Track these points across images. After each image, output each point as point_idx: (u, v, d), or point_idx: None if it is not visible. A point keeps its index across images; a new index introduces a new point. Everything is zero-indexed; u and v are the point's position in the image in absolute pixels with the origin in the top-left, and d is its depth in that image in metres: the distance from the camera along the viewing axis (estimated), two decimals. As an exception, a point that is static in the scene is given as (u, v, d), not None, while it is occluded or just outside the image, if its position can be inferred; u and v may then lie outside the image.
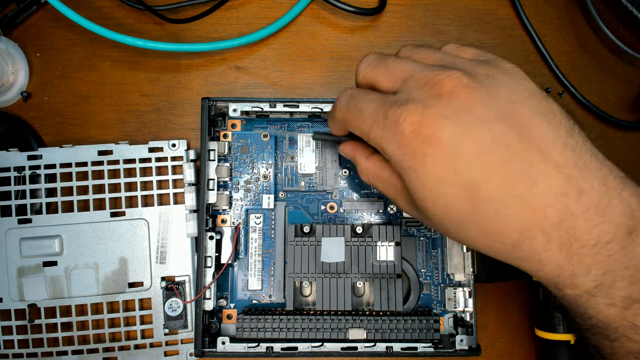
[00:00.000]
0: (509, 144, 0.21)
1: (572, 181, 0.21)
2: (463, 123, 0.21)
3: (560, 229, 0.20)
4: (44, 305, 0.36)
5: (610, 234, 0.20)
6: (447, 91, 0.22)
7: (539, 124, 0.22)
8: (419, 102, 0.22)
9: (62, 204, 0.37)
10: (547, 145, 0.21)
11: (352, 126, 0.26)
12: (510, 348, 0.39)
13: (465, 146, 0.21)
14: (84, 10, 0.39)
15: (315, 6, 0.41)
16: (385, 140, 0.23)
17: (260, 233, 0.37)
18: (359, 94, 0.25)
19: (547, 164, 0.21)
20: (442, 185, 0.21)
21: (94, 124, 0.39)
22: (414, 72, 0.24)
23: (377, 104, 0.24)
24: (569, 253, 0.21)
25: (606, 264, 0.21)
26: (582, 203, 0.20)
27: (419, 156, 0.22)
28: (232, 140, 0.37)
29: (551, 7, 0.42)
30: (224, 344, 0.34)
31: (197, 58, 0.40)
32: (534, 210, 0.21)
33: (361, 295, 0.36)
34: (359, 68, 0.26)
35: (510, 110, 0.22)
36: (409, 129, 0.22)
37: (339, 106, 0.27)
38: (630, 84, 0.42)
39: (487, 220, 0.21)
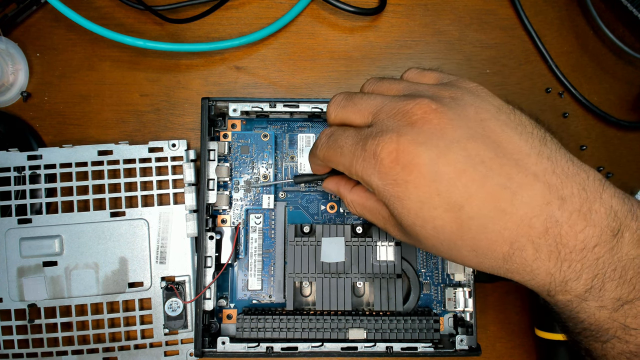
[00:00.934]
0: (484, 160, 0.21)
1: (552, 189, 0.21)
2: (438, 146, 0.22)
3: (548, 237, 0.21)
4: (44, 305, 0.36)
5: (596, 238, 0.21)
6: (418, 118, 0.22)
7: (512, 137, 0.22)
8: (393, 131, 0.22)
9: (62, 204, 0.37)
10: (522, 156, 0.22)
11: (334, 162, 0.26)
12: (510, 348, 0.39)
13: (443, 168, 0.21)
14: (84, 10, 0.39)
15: (315, 6, 0.41)
16: (367, 173, 0.23)
17: (260, 233, 0.37)
18: (336, 131, 0.26)
19: (526, 175, 0.21)
20: (427, 209, 0.22)
21: (94, 124, 0.39)
22: (382, 104, 0.24)
23: (354, 138, 0.25)
24: (559, 260, 0.21)
25: (595, 268, 0.21)
26: (565, 210, 0.21)
27: (401, 183, 0.22)
28: (232, 140, 0.37)
29: (551, 7, 0.42)
30: (224, 344, 0.34)
31: (197, 58, 0.40)
32: (520, 222, 0.21)
33: (361, 295, 0.36)
34: (329, 110, 0.27)
35: (481, 128, 0.22)
36: (388, 159, 0.22)
37: (319, 145, 0.27)
38: (630, 84, 0.42)
39: (475, 237, 0.22)
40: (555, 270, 0.21)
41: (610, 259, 0.21)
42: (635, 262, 0.21)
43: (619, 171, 0.41)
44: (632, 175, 0.41)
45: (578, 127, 0.41)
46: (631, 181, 0.41)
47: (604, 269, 0.21)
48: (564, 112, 0.41)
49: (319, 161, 0.28)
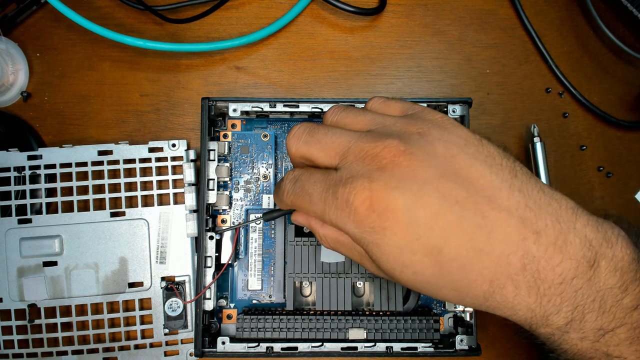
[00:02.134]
0: (458, 200, 0.21)
1: (526, 223, 0.21)
2: (412, 190, 0.21)
3: (526, 273, 0.21)
4: (44, 305, 0.36)
5: (573, 270, 0.21)
6: (388, 162, 0.22)
7: (482, 172, 0.22)
8: (364, 177, 0.22)
9: (62, 204, 0.37)
10: (494, 192, 0.21)
11: (302, 208, 0.25)
12: (510, 348, 0.39)
13: (420, 212, 0.21)
14: (84, 10, 0.39)
15: (315, 6, 0.41)
16: (341, 221, 0.23)
17: (260, 233, 0.37)
18: (302, 176, 0.25)
19: (500, 212, 0.21)
20: (406, 254, 0.22)
21: (94, 124, 0.39)
22: (348, 145, 0.23)
23: (323, 184, 0.23)
24: (538, 295, 0.21)
25: (574, 300, 0.21)
26: (540, 244, 0.21)
27: (378, 231, 0.21)
28: (232, 140, 0.37)
29: (551, 7, 0.42)
30: (224, 344, 0.34)
31: (197, 58, 0.40)
32: (498, 260, 0.21)
33: (361, 295, 0.36)
34: (289, 144, 0.26)
35: (451, 165, 0.22)
36: (362, 207, 0.21)
37: (285, 191, 0.26)
38: (630, 84, 0.42)
39: (455, 278, 0.22)
40: (536, 305, 0.21)
41: (588, 290, 0.21)
42: (613, 291, 0.21)
43: (619, 171, 0.41)
44: (632, 175, 0.41)
45: (578, 127, 0.41)
46: (631, 181, 0.41)
47: (583, 300, 0.21)
48: (564, 112, 0.41)
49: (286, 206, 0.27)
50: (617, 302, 0.21)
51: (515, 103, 0.41)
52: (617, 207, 0.41)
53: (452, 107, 0.36)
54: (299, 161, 0.26)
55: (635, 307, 0.21)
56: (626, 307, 0.21)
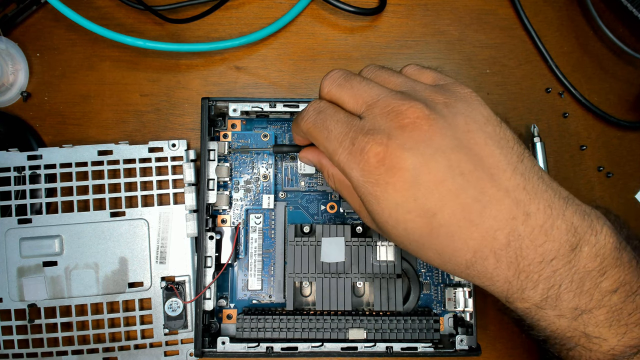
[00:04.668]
0: (463, 172, 0.22)
1: (519, 205, 0.22)
2: (424, 154, 0.22)
3: (509, 249, 0.22)
4: (44, 305, 0.36)
5: (554, 252, 0.22)
6: (410, 122, 0.23)
7: (493, 151, 0.23)
8: (384, 132, 0.23)
9: (62, 204, 0.37)
10: (499, 171, 0.22)
11: (316, 140, 0.26)
12: (510, 348, 0.39)
13: (425, 176, 0.22)
14: (84, 10, 0.39)
15: (315, 6, 0.41)
16: (349, 166, 0.24)
17: (260, 233, 0.37)
18: (327, 110, 0.26)
19: (498, 190, 0.22)
20: (401, 211, 0.23)
21: (94, 124, 0.39)
22: (378, 97, 0.24)
23: (344, 127, 0.24)
24: (517, 270, 0.22)
25: (552, 279, 0.22)
26: (528, 225, 0.22)
27: (381, 184, 0.23)
28: (232, 140, 0.37)
29: (551, 7, 0.42)
30: (224, 344, 0.34)
31: (197, 58, 0.40)
32: (485, 234, 0.22)
33: (361, 295, 0.36)
34: (323, 83, 0.27)
35: (466, 139, 0.23)
36: (374, 159, 0.23)
37: (305, 117, 0.27)
38: (630, 84, 0.42)
39: (442, 243, 0.23)
40: (514, 278, 0.22)
41: (567, 271, 0.22)
42: (592, 274, 0.22)
43: (619, 171, 0.41)
44: (632, 175, 0.41)
45: (578, 127, 0.41)
46: (631, 181, 0.41)
47: (560, 280, 0.22)
48: (564, 112, 0.41)
49: (301, 132, 0.28)
50: (595, 284, 0.22)
51: (515, 103, 0.41)
52: (617, 207, 0.41)
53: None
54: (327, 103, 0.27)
55: (615, 290, 0.22)
56: (604, 290, 0.22)
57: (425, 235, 0.23)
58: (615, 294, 0.22)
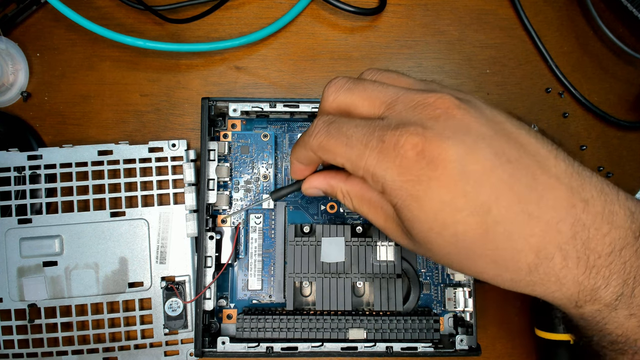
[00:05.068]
0: (510, 159, 0.20)
1: (574, 191, 0.20)
2: (465, 142, 0.20)
3: (576, 242, 0.20)
4: (44, 305, 0.36)
5: (622, 240, 0.20)
6: (442, 112, 0.21)
7: (529, 139, 0.21)
8: (417, 124, 0.20)
9: (62, 204, 0.37)
10: (542, 158, 0.21)
11: (334, 153, 0.23)
12: (510, 348, 0.39)
13: (472, 165, 0.20)
14: (84, 10, 0.39)
15: (315, 6, 0.41)
16: (382, 167, 0.21)
17: (260, 233, 0.37)
18: (340, 119, 0.23)
19: (550, 177, 0.20)
20: (449, 211, 0.20)
21: (94, 124, 0.39)
22: (397, 95, 0.22)
23: (367, 128, 0.22)
24: (587, 267, 0.20)
25: (623, 272, 0.20)
26: (589, 213, 0.20)
27: (424, 181, 0.20)
28: (232, 140, 0.37)
29: (551, 7, 0.42)
30: (224, 344, 0.34)
31: (197, 58, 0.40)
32: (547, 227, 0.20)
33: (361, 295, 0.36)
34: (327, 92, 0.24)
35: (501, 128, 0.21)
36: (412, 152, 0.20)
37: (315, 132, 0.23)
38: (630, 84, 0.42)
39: (498, 246, 0.20)
40: (584, 277, 0.20)
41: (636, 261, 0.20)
42: None
43: (619, 171, 0.41)
44: (632, 175, 0.41)
45: (578, 127, 0.41)
46: (631, 181, 0.41)
47: (632, 272, 0.20)
48: (564, 112, 0.41)
49: (310, 153, 0.24)
50: None
51: (515, 103, 0.41)
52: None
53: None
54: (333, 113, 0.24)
55: None
56: None
57: (479, 239, 0.20)
58: None
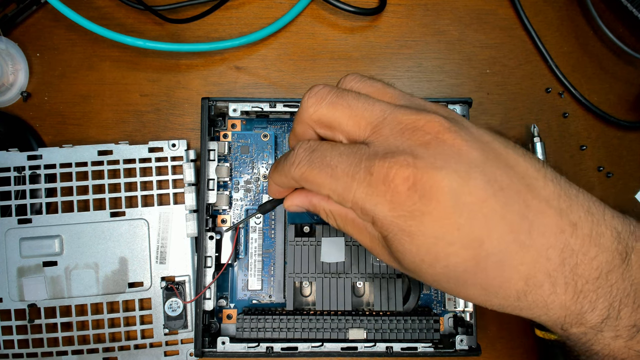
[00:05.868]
0: (502, 187, 0.19)
1: (562, 215, 0.19)
2: (458, 172, 0.19)
3: (565, 269, 0.19)
4: (44, 305, 0.36)
5: (608, 263, 0.19)
6: (432, 138, 0.19)
7: (517, 159, 0.20)
8: (407, 153, 0.19)
9: (62, 204, 0.37)
10: (532, 180, 0.20)
11: (318, 184, 0.21)
12: (510, 348, 0.39)
13: (465, 197, 0.19)
14: (84, 10, 0.39)
15: (315, 6, 0.41)
16: (371, 202, 0.19)
17: (260, 233, 0.37)
18: (321, 146, 0.21)
19: (540, 201, 0.19)
20: (442, 245, 0.19)
21: (94, 124, 0.39)
22: (383, 115, 0.20)
23: (352, 157, 0.20)
24: (575, 292, 0.19)
25: (610, 296, 0.20)
26: (577, 237, 0.19)
27: (417, 216, 0.19)
28: (232, 140, 0.37)
29: (551, 7, 0.42)
30: (224, 344, 0.34)
31: (197, 58, 0.40)
32: (537, 255, 0.19)
33: (361, 295, 0.36)
34: (307, 103, 0.22)
35: (490, 150, 0.20)
36: (404, 186, 0.19)
37: (297, 161, 0.21)
38: (630, 84, 0.42)
39: (489, 275, 0.19)
40: (572, 303, 0.20)
41: (622, 284, 0.20)
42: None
43: (619, 171, 0.41)
44: (632, 175, 0.41)
45: (578, 127, 0.41)
46: (631, 181, 0.41)
47: (618, 295, 0.20)
48: (564, 112, 0.41)
49: (290, 181, 0.22)
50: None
51: (515, 103, 0.41)
52: (617, 207, 0.40)
53: (452, 107, 0.36)
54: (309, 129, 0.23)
55: None
56: None
57: (470, 270, 0.19)
58: None
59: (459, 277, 0.20)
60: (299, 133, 0.23)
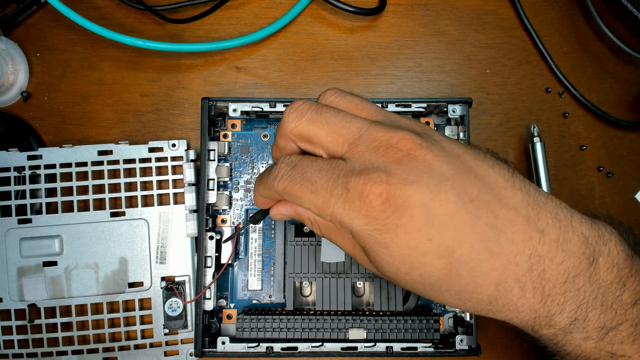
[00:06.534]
0: (472, 199, 0.20)
1: (531, 222, 0.20)
2: (429, 186, 0.20)
3: (532, 274, 0.20)
4: (44, 305, 0.36)
5: (575, 268, 0.20)
6: (404, 155, 0.21)
7: (487, 170, 0.21)
8: (381, 170, 0.20)
9: (62, 204, 0.37)
10: (500, 190, 0.21)
11: (300, 199, 0.22)
12: (510, 348, 0.39)
13: (436, 210, 0.20)
14: (84, 10, 0.39)
15: (315, 6, 0.41)
16: (348, 216, 0.21)
17: (260, 233, 0.37)
18: (302, 161, 0.23)
19: (508, 210, 0.20)
20: (415, 255, 0.20)
21: (94, 124, 0.39)
22: (360, 132, 0.22)
23: (330, 174, 0.21)
24: (543, 296, 0.21)
25: (577, 298, 0.21)
26: (545, 242, 0.20)
27: (390, 229, 0.20)
28: (232, 140, 0.37)
29: (551, 7, 0.42)
30: (224, 344, 0.34)
31: (197, 58, 0.40)
32: (506, 262, 0.20)
33: (361, 295, 0.36)
34: (288, 119, 0.23)
35: (460, 163, 0.21)
36: (378, 201, 0.20)
37: (280, 175, 0.23)
38: (630, 84, 0.42)
39: (462, 282, 0.21)
40: (540, 306, 0.21)
41: (590, 287, 0.21)
42: (612, 287, 0.21)
43: (619, 171, 0.41)
44: (632, 175, 0.41)
45: (578, 127, 0.41)
46: (631, 181, 0.41)
47: (585, 298, 0.21)
48: (564, 112, 0.41)
49: (274, 194, 0.24)
50: (617, 298, 0.21)
51: (515, 103, 0.41)
52: (617, 207, 0.41)
53: (452, 107, 0.36)
54: (291, 142, 0.24)
55: (634, 302, 0.21)
56: (625, 303, 0.21)
57: (444, 278, 0.20)
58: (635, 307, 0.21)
59: (433, 284, 0.21)
60: (282, 146, 0.24)
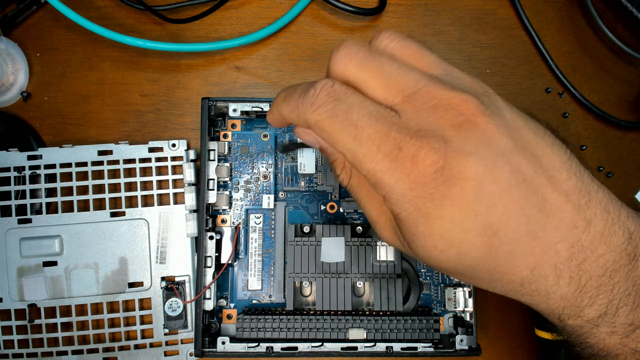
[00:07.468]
0: (526, 179, 0.19)
1: (580, 210, 0.19)
2: (486, 159, 0.18)
3: (571, 263, 0.19)
4: (44, 305, 0.36)
5: (615, 263, 0.20)
6: (465, 120, 0.19)
7: (545, 149, 0.20)
8: (438, 135, 0.19)
9: (62, 204, 0.37)
10: (555, 173, 0.20)
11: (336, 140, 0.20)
12: (510, 348, 0.39)
13: (489, 186, 0.18)
14: (84, 10, 0.39)
15: (315, 6, 0.41)
16: (392, 177, 0.19)
17: (260, 233, 0.37)
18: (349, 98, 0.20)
19: (559, 195, 0.19)
20: (457, 231, 0.19)
21: (94, 124, 0.39)
22: (418, 85, 0.20)
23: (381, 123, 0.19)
24: (578, 286, 0.20)
25: (611, 294, 0.20)
26: (589, 233, 0.19)
27: (437, 199, 0.18)
28: (232, 140, 0.37)
29: (551, 7, 0.42)
30: (224, 344, 0.34)
31: (197, 58, 0.40)
32: (547, 247, 0.19)
33: (361, 295, 0.36)
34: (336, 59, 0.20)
35: (519, 138, 0.20)
36: (431, 169, 0.18)
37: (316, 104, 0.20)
38: (630, 84, 0.42)
39: (499, 263, 0.19)
40: (572, 296, 0.20)
41: (625, 283, 0.20)
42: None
43: (619, 171, 0.41)
44: (632, 175, 0.41)
45: (578, 127, 0.41)
46: (631, 181, 0.41)
47: (619, 294, 0.20)
48: (564, 112, 0.41)
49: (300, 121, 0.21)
50: None
51: (515, 103, 0.40)
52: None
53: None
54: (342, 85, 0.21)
55: None
56: None
57: (481, 257, 0.19)
58: None
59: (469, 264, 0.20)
60: None
